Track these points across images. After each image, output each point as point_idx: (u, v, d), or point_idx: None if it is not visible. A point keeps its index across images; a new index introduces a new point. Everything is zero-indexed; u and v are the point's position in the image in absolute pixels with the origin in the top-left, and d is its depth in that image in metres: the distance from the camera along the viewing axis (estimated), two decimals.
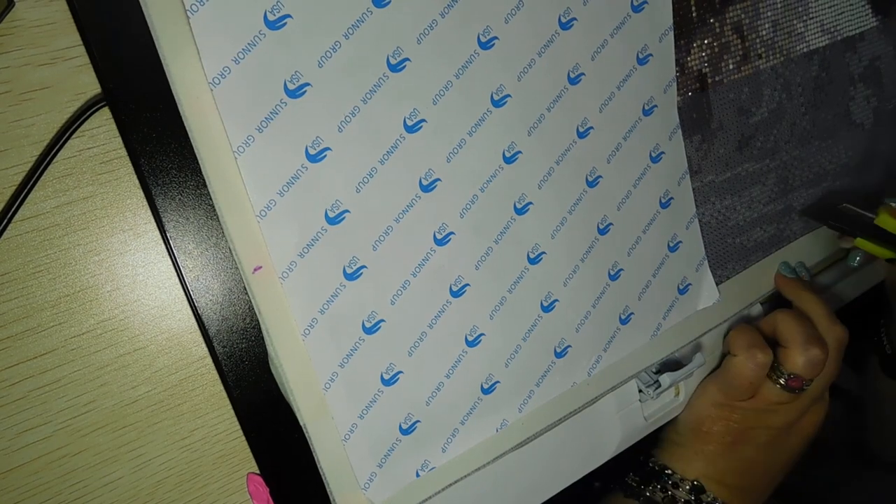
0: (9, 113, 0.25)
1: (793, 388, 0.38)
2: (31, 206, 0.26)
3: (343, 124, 0.27)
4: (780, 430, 0.40)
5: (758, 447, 0.40)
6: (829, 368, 0.39)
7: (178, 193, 0.27)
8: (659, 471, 0.41)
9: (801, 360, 0.37)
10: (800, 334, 0.38)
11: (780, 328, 0.39)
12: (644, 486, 0.40)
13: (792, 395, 0.38)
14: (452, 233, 0.31)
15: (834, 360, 0.39)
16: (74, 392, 0.27)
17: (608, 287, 0.35)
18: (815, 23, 0.42)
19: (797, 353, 0.38)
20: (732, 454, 0.40)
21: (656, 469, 0.41)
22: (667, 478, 0.40)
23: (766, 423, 0.40)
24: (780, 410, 0.39)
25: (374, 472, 0.30)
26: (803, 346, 0.37)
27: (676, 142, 0.37)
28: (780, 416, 0.39)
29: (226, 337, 0.28)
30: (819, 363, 0.38)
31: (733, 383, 0.39)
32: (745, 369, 0.38)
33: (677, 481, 0.40)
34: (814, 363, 0.37)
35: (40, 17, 0.25)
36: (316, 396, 0.28)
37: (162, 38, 0.24)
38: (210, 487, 0.30)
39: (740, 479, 0.40)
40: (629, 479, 0.41)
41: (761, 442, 0.40)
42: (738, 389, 0.39)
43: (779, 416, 0.39)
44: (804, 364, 0.37)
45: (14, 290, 0.26)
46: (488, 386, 0.32)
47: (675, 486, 0.40)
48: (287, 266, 0.27)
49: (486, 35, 0.30)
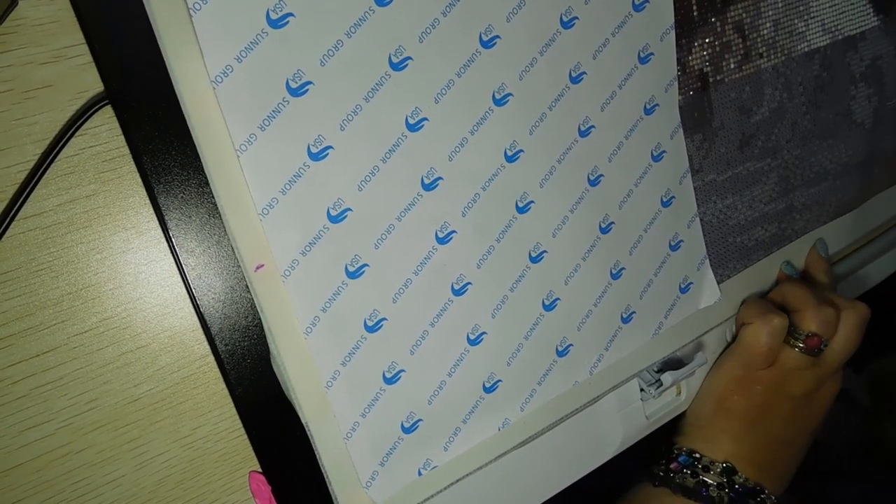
0: (11, 111, 0.25)
1: (811, 347, 0.38)
2: (34, 205, 0.26)
3: (345, 123, 0.27)
4: (800, 399, 0.40)
5: (782, 420, 0.40)
6: (851, 340, 0.39)
7: (181, 192, 0.27)
8: (687, 456, 0.40)
9: (816, 318, 0.38)
10: (812, 296, 0.39)
11: (789, 296, 0.39)
12: (674, 474, 0.39)
13: (811, 360, 0.39)
14: (454, 231, 0.31)
15: (855, 334, 0.39)
16: (76, 390, 0.27)
17: (610, 286, 0.35)
18: (817, 22, 0.42)
19: (811, 313, 0.38)
20: (758, 429, 0.39)
21: (683, 454, 0.40)
22: (695, 462, 0.39)
23: (788, 393, 0.39)
24: (800, 379, 0.39)
25: (376, 471, 0.30)
26: (816, 306, 0.38)
27: (678, 141, 0.37)
28: (800, 385, 0.39)
29: (228, 335, 0.28)
30: (833, 321, 0.38)
31: (752, 352, 0.39)
32: (762, 335, 0.38)
33: (707, 464, 0.39)
34: (828, 321, 0.38)
35: (43, 16, 0.25)
36: (318, 395, 0.28)
37: (164, 36, 0.24)
38: (212, 486, 0.30)
39: (767, 454, 0.39)
40: (655, 469, 0.40)
41: (785, 415, 0.40)
42: (757, 357, 0.38)
43: (798, 384, 0.39)
44: (819, 321, 0.38)
45: (16, 288, 0.26)
46: (490, 385, 0.32)
47: (706, 469, 0.39)
48: (289, 264, 0.27)
49: (488, 34, 0.30)
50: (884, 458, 0.55)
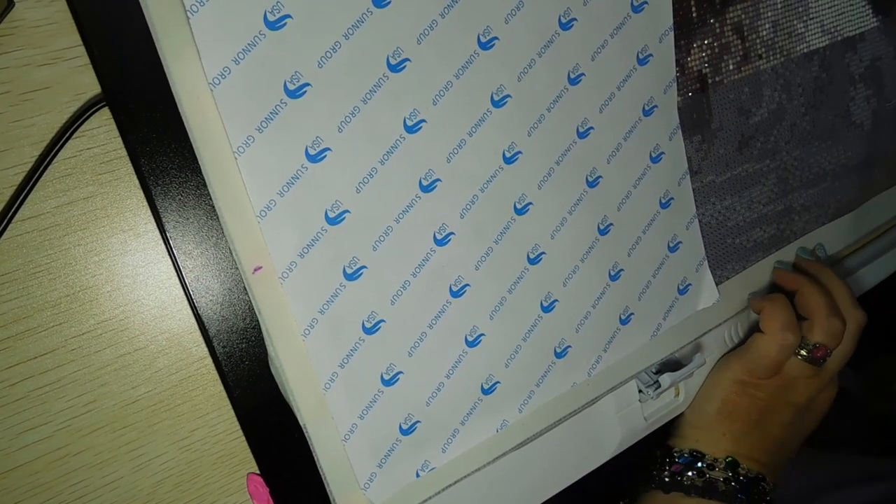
0: (9, 113, 0.25)
1: (816, 358, 0.39)
2: (32, 207, 0.26)
3: (343, 124, 0.27)
4: (801, 407, 0.40)
5: (782, 425, 0.40)
6: (847, 348, 0.40)
7: (178, 194, 0.27)
8: (689, 456, 0.40)
9: (825, 330, 0.39)
10: (825, 306, 0.39)
11: (806, 299, 0.40)
12: (680, 476, 0.40)
13: (814, 369, 0.39)
14: (452, 233, 0.31)
15: (852, 342, 0.40)
16: (74, 392, 0.27)
17: (608, 287, 0.35)
18: (816, 23, 0.42)
19: (822, 325, 0.39)
20: (759, 431, 0.40)
21: (685, 455, 0.40)
22: (698, 461, 0.40)
23: (789, 400, 0.40)
24: (802, 386, 0.40)
25: (374, 473, 0.30)
26: (827, 318, 0.39)
27: (676, 142, 0.37)
28: (801, 393, 0.40)
29: (226, 337, 0.28)
30: (839, 333, 0.39)
31: (760, 362, 0.39)
32: (774, 349, 0.39)
33: (710, 462, 0.40)
34: (835, 333, 0.39)
35: (40, 18, 0.25)
36: (316, 396, 0.28)
37: (162, 38, 0.24)
38: (210, 487, 0.30)
39: (768, 457, 0.40)
40: (658, 475, 0.41)
41: (785, 420, 0.40)
42: (764, 368, 0.39)
43: (800, 392, 0.40)
44: (827, 333, 0.39)
45: (14, 291, 0.26)
46: (488, 386, 0.32)
47: (710, 467, 0.39)
48: (287, 266, 0.27)
49: (486, 35, 0.30)
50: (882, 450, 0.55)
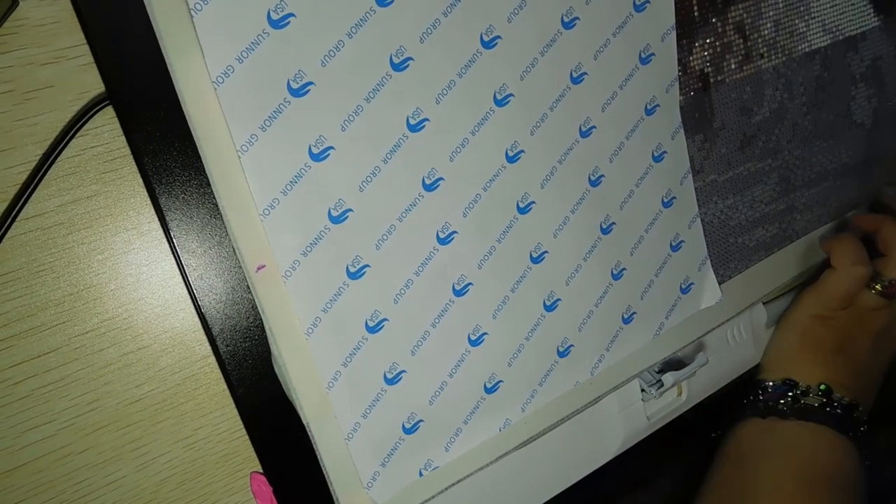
0: (12, 112, 0.25)
1: (890, 294, 0.40)
2: (35, 205, 0.26)
3: (346, 123, 0.27)
4: (878, 334, 0.41)
5: (864, 350, 0.41)
6: None
7: (182, 192, 0.27)
8: (782, 384, 0.41)
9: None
10: None
11: (885, 235, 0.41)
12: (774, 404, 0.40)
13: (886, 301, 0.40)
14: (455, 232, 0.31)
15: None
16: (78, 391, 0.27)
17: (611, 286, 0.35)
18: (817, 22, 0.42)
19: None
20: (843, 358, 0.41)
21: (780, 385, 0.41)
22: (793, 388, 0.40)
23: (867, 328, 0.41)
24: (876, 317, 0.41)
25: (377, 472, 0.30)
26: None
27: (679, 141, 0.37)
28: (876, 322, 0.41)
29: (229, 336, 0.28)
30: None
31: (833, 295, 0.40)
32: (845, 283, 0.40)
33: (804, 389, 0.40)
34: None
35: (44, 17, 0.25)
36: (319, 395, 0.28)
37: (165, 36, 0.24)
38: (213, 486, 0.30)
39: (855, 382, 0.41)
40: (753, 404, 0.41)
41: (866, 346, 0.41)
42: (837, 300, 0.40)
43: (875, 321, 0.41)
44: None
45: (18, 289, 0.26)
46: (491, 385, 0.32)
47: (804, 394, 0.40)
48: (290, 265, 0.27)
49: (489, 34, 0.30)
50: None
